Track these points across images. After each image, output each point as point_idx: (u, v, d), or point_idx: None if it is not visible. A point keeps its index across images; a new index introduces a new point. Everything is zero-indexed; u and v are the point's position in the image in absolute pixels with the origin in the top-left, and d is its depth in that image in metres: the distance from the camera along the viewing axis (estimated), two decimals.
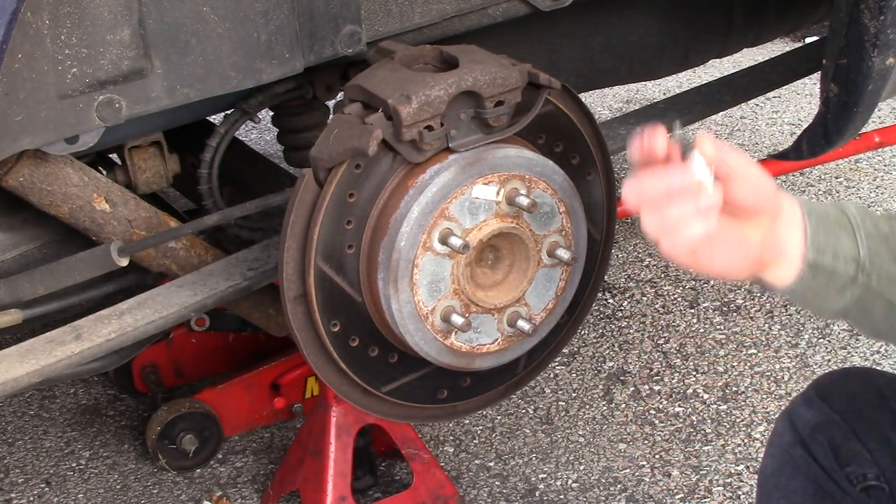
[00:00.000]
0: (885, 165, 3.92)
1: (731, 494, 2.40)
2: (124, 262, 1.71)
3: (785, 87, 2.87)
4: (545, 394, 2.78)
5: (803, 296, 1.34)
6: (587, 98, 4.36)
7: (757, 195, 1.27)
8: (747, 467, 2.47)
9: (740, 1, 2.56)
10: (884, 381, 1.57)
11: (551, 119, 1.73)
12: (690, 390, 2.75)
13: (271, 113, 2.09)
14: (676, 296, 3.16)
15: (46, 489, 2.59)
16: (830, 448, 1.51)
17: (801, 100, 4.50)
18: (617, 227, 2.45)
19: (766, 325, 2.99)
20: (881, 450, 1.49)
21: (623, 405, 2.71)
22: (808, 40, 4.12)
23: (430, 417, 1.91)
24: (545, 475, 2.52)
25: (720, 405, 2.69)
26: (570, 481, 2.49)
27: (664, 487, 2.44)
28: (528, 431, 2.65)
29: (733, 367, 2.83)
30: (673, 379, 2.80)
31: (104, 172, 1.88)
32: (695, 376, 2.80)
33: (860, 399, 1.54)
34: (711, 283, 3.20)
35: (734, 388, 2.74)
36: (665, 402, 2.71)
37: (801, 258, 1.31)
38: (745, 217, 1.28)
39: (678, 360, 2.87)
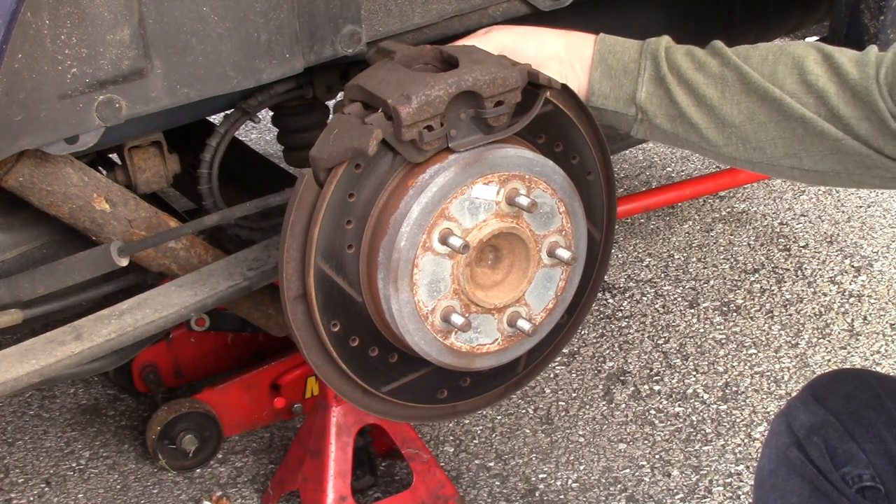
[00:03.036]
0: None
1: (731, 494, 2.40)
2: (124, 262, 1.71)
3: None
4: (545, 394, 2.78)
5: (601, 121, 1.66)
6: None
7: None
8: (747, 467, 2.47)
9: (740, 1, 2.57)
10: (879, 381, 1.58)
11: (551, 119, 1.72)
12: (690, 390, 2.75)
13: (271, 113, 2.09)
14: (676, 296, 3.16)
15: (46, 489, 2.59)
16: (826, 449, 1.51)
17: None
18: (617, 227, 2.45)
19: (766, 325, 2.99)
20: (877, 451, 1.50)
21: (623, 405, 2.71)
22: (808, 40, 4.12)
23: (430, 417, 1.91)
24: (545, 475, 2.52)
25: (720, 405, 2.69)
26: (570, 481, 2.49)
27: (664, 487, 2.44)
28: (528, 431, 2.65)
29: (733, 367, 2.83)
30: (673, 379, 2.80)
31: (104, 172, 1.88)
32: (695, 376, 2.80)
33: (856, 400, 1.54)
34: (711, 282, 3.20)
35: (734, 388, 2.74)
36: (665, 402, 2.71)
37: (585, 100, 1.62)
38: None
39: (678, 360, 2.87)
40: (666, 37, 1.59)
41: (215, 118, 2.03)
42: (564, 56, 1.64)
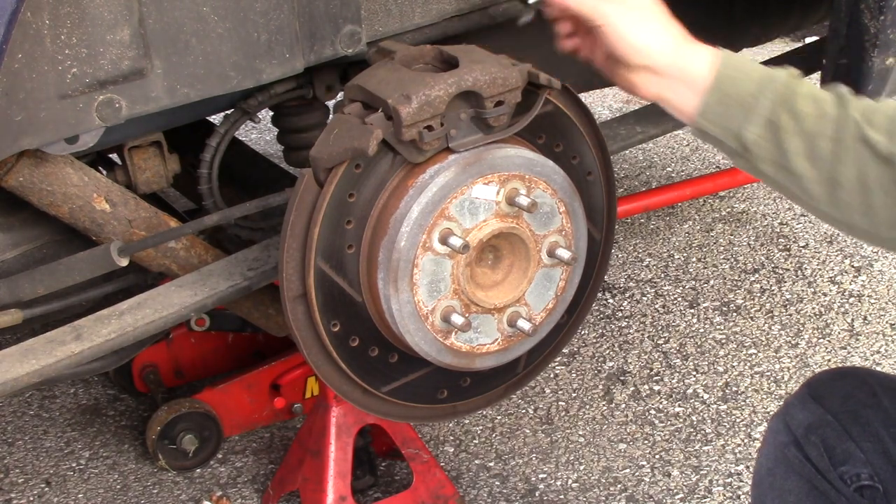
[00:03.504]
0: None
1: (731, 494, 2.40)
2: (124, 262, 1.71)
3: None
4: (545, 394, 2.78)
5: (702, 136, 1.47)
6: (587, 98, 4.36)
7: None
8: (747, 467, 2.47)
9: (741, 1, 2.57)
10: (876, 380, 1.58)
11: (551, 119, 1.73)
12: (690, 390, 2.75)
13: (271, 113, 2.09)
14: (676, 296, 3.16)
15: (46, 489, 2.59)
16: (824, 448, 1.51)
17: None
18: (617, 227, 2.45)
19: (766, 325, 2.99)
20: (875, 449, 1.50)
21: (623, 405, 2.71)
22: (808, 40, 4.12)
23: (430, 417, 1.91)
24: (545, 475, 2.52)
25: (720, 405, 2.69)
26: (570, 481, 2.49)
27: (664, 487, 2.44)
28: (528, 431, 2.65)
29: (733, 367, 2.83)
30: (673, 379, 2.80)
31: (104, 172, 1.88)
32: (695, 376, 2.80)
33: (853, 399, 1.54)
34: (711, 282, 3.20)
35: (734, 388, 2.74)
36: (665, 402, 2.71)
37: (692, 119, 1.44)
38: None
39: (678, 360, 2.87)
40: (790, 71, 1.46)
41: (215, 118, 2.03)
42: (665, 69, 1.46)
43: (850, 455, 1.50)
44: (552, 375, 2.85)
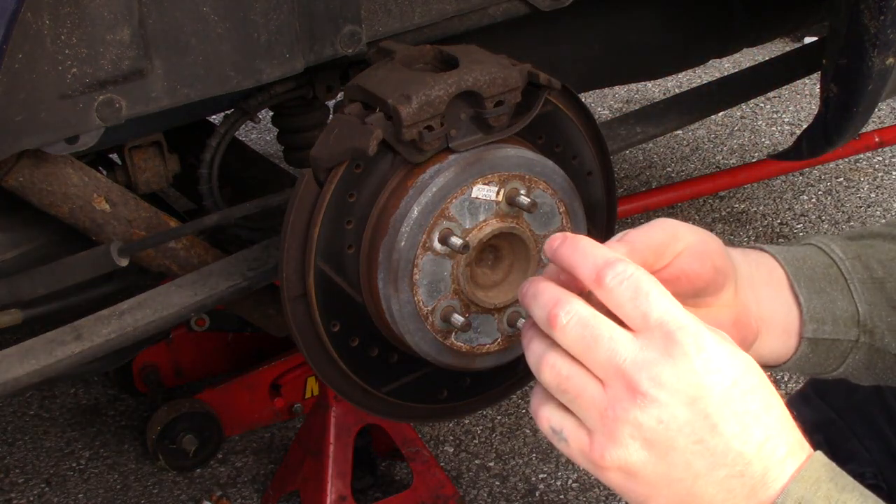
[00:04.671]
0: (885, 165, 3.92)
1: None
2: (124, 263, 1.71)
3: (785, 87, 2.87)
4: None
5: (800, 369, 1.18)
6: (587, 98, 4.36)
7: (702, 257, 1.03)
8: None
9: (740, 1, 2.56)
10: None
11: (551, 119, 1.72)
12: None
13: (271, 113, 2.09)
14: None
15: (46, 489, 2.59)
16: (828, 446, 1.51)
17: (801, 100, 4.50)
18: (617, 227, 2.45)
19: None
20: (879, 448, 1.50)
21: None
22: (808, 40, 4.12)
23: (430, 417, 1.91)
24: (545, 475, 2.52)
25: None
26: (570, 481, 2.49)
27: None
28: (528, 431, 2.65)
29: None
30: None
31: (104, 172, 1.88)
32: None
33: (857, 395, 1.54)
34: None
35: None
36: None
37: (798, 335, 1.13)
38: (708, 295, 1.06)
39: None
40: None
41: (215, 118, 2.03)
42: None
43: (854, 453, 1.50)
44: None
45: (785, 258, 1.16)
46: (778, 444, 0.88)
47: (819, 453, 0.89)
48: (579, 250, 0.92)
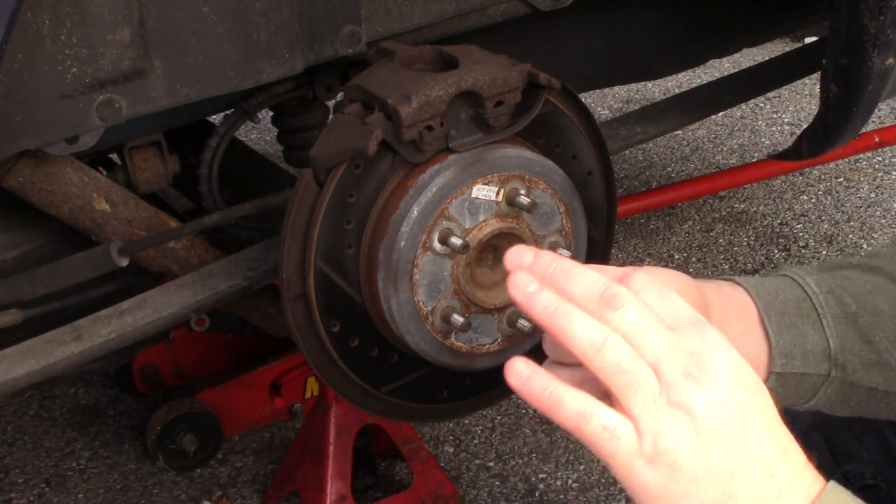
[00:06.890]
0: (885, 165, 3.92)
1: None
2: (124, 263, 1.71)
3: (785, 87, 2.87)
4: None
5: None
6: (587, 98, 4.36)
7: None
8: None
9: (740, 1, 2.56)
10: None
11: (551, 119, 1.72)
12: None
13: (271, 113, 2.09)
14: None
15: (46, 489, 2.59)
16: (828, 447, 1.51)
17: (801, 100, 4.50)
18: (617, 227, 2.45)
19: None
20: (878, 449, 1.50)
21: None
22: (808, 40, 4.12)
23: (430, 417, 1.91)
24: (545, 475, 2.52)
25: None
26: (570, 481, 2.49)
27: None
28: (528, 431, 2.65)
29: None
30: None
31: (104, 172, 1.88)
32: None
33: None
34: None
35: None
36: None
37: (767, 368, 1.15)
38: None
39: None
40: None
41: (215, 118, 2.03)
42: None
43: (854, 454, 1.50)
44: None
45: (757, 292, 1.17)
46: (798, 453, 0.91)
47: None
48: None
